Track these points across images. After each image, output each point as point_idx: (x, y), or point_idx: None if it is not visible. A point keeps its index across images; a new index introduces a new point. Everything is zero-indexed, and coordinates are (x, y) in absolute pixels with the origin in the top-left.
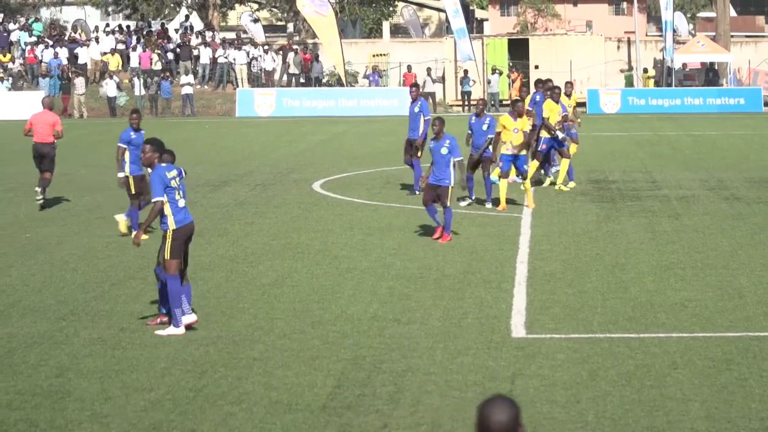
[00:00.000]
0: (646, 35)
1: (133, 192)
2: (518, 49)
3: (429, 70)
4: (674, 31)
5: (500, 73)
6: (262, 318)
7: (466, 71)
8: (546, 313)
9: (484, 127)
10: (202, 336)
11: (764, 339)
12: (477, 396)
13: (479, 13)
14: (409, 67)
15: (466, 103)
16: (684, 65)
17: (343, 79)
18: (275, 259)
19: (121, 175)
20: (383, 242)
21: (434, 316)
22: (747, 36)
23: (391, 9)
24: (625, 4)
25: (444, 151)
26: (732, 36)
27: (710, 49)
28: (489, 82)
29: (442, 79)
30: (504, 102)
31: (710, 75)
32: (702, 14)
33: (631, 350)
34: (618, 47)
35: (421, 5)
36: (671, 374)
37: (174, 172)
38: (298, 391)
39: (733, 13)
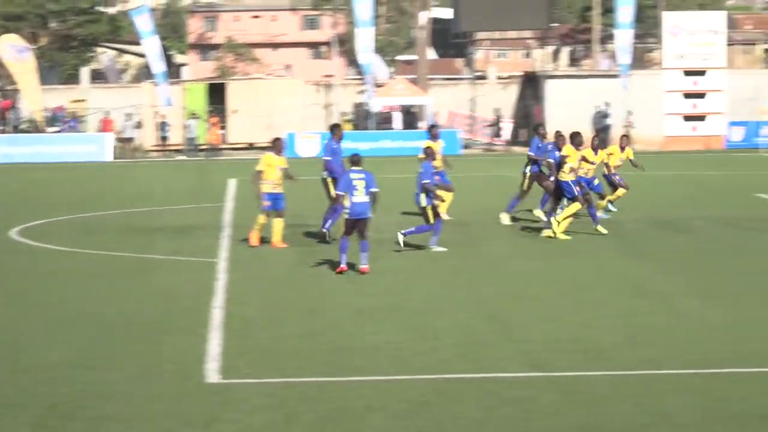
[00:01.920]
0: (346, 78)
1: None
2: (218, 94)
3: (128, 115)
4: (373, 74)
5: (198, 118)
6: None
7: (164, 116)
8: (242, 358)
9: None
10: None
11: (459, 381)
12: None
13: (179, 58)
14: (107, 113)
15: (165, 147)
16: (383, 108)
17: (41, 125)
18: None
19: None
20: (83, 288)
21: (130, 363)
22: (446, 79)
23: (90, 54)
24: (324, 48)
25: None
26: (431, 79)
27: (409, 91)
28: (187, 126)
29: (141, 125)
30: (201, 147)
31: (408, 118)
32: (402, 57)
33: (327, 394)
34: (318, 90)
35: (121, 50)
36: (366, 417)
37: None
38: None
39: (434, 55)
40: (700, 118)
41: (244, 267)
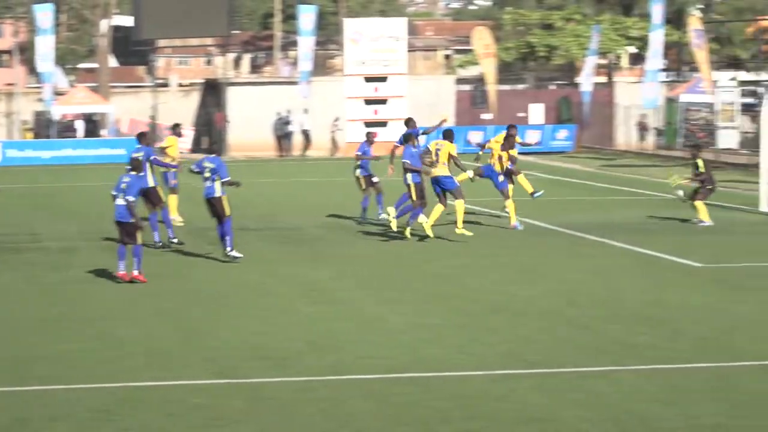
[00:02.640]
0: (27, 87)
1: None
2: None
3: None
4: (53, 82)
5: None
6: None
7: None
8: None
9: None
10: None
11: (145, 389)
12: None
13: None
14: None
15: None
16: (64, 116)
17: None
18: None
19: None
20: None
21: None
22: (128, 86)
23: None
24: (5, 57)
25: None
26: (113, 86)
27: (90, 100)
28: None
29: None
30: None
31: (90, 126)
32: (83, 65)
33: (9, 403)
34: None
35: None
36: (50, 427)
37: None
38: None
39: (115, 63)
40: (382, 124)
41: None
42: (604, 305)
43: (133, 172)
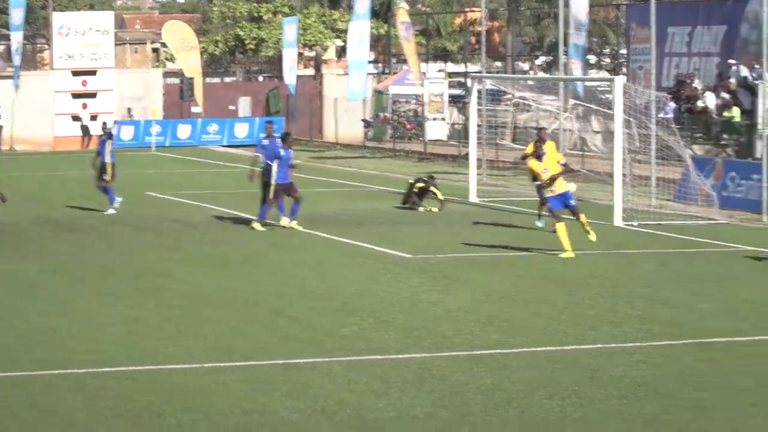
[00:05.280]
0: None
1: None
2: None
3: None
4: None
5: None
6: None
7: None
8: None
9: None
10: None
11: None
12: None
13: None
14: None
15: None
16: None
17: None
18: None
19: None
20: None
21: None
22: None
23: None
24: None
25: None
26: None
27: None
28: None
29: None
30: None
31: None
32: None
33: None
34: None
35: None
36: None
37: None
38: None
39: None
40: (93, 117)
41: None
42: (314, 297)
43: None
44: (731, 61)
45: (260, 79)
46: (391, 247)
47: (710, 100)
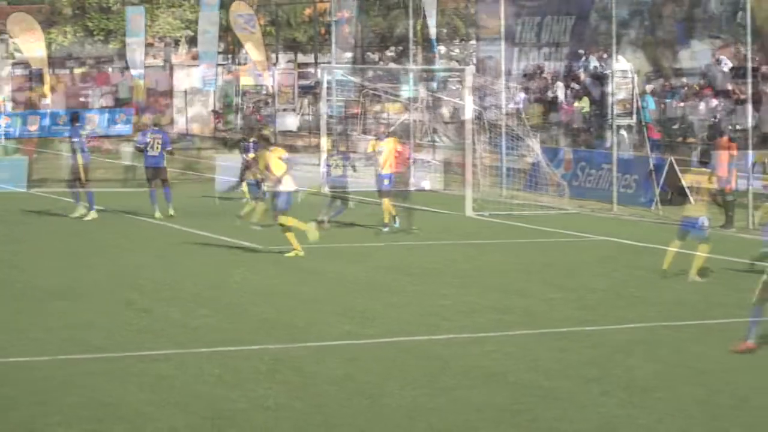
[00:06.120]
0: None
1: None
2: None
3: None
4: None
5: None
6: None
7: None
8: None
9: None
10: None
11: None
12: None
13: None
14: None
15: None
16: None
17: None
18: None
19: None
20: None
21: None
22: None
23: None
24: None
25: None
26: None
27: None
28: None
29: None
30: None
31: None
32: None
33: None
34: None
35: None
36: None
37: None
38: None
39: None
40: None
41: None
42: (166, 288)
43: None
44: (581, 51)
45: (110, 70)
46: (241, 238)
47: (560, 91)
